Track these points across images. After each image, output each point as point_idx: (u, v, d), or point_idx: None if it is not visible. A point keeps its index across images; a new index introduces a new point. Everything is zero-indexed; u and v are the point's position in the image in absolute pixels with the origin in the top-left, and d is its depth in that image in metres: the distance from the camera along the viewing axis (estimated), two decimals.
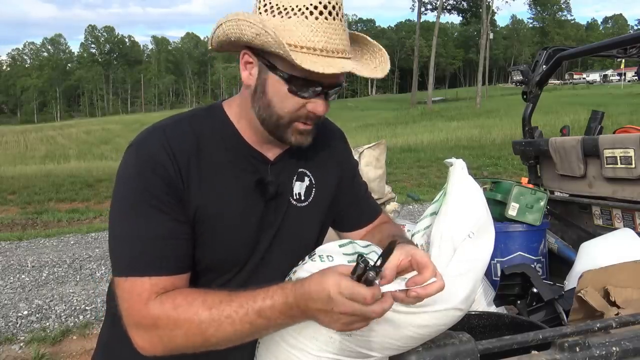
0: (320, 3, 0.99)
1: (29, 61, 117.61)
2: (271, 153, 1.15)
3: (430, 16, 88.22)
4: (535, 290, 1.89)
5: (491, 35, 64.68)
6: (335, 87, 1.05)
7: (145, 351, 0.98)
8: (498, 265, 2.42)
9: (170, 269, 1.01)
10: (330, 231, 1.33)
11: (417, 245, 1.09)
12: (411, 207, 7.92)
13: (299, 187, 1.20)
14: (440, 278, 0.91)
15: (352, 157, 1.36)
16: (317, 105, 1.04)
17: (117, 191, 1.04)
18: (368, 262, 0.84)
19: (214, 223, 1.07)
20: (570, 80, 67.65)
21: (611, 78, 68.49)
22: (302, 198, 1.20)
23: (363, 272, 0.84)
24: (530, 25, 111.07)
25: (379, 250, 1.02)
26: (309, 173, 1.22)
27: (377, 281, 0.85)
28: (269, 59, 1.02)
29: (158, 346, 0.97)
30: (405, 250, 0.93)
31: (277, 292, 0.93)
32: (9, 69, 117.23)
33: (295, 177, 1.19)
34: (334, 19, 1.00)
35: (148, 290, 0.97)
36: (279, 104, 1.04)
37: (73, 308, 4.37)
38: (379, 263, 0.85)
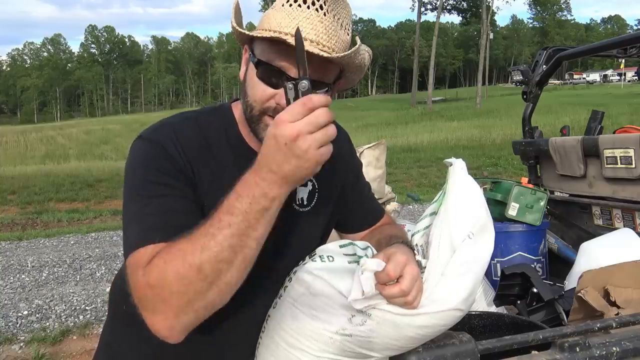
0: None
1: (29, 61, 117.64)
2: None
3: (430, 16, 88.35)
4: (535, 290, 1.88)
5: (491, 35, 64.72)
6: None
7: (162, 330, 0.88)
8: (498, 265, 2.42)
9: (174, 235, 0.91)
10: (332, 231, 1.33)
11: (415, 246, 1.09)
12: (411, 207, 7.91)
13: (302, 192, 1.18)
14: (410, 281, 0.92)
15: (356, 158, 1.35)
16: (281, 97, 0.97)
17: (128, 178, 1.02)
18: (292, 79, 0.83)
19: None
20: (570, 80, 67.53)
21: (611, 78, 68.40)
22: (305, 203, 1.18)
23: (295, 93, 0.82)
24: (530, 25, 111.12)
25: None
26: (312, 177, 1.20)
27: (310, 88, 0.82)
28: (253, 48, 1.04)
29: (168, 312, 0.86)
30: (384, 253, 0.96)
31: (235, 185, 0.87)
32: (9, 69, 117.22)
33: None
34: (308, 8, 0.99)
35: (149, 255, 0.90)
36: (250, 91, 1.04)
37: (73, 308, 4.37)
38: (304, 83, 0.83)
